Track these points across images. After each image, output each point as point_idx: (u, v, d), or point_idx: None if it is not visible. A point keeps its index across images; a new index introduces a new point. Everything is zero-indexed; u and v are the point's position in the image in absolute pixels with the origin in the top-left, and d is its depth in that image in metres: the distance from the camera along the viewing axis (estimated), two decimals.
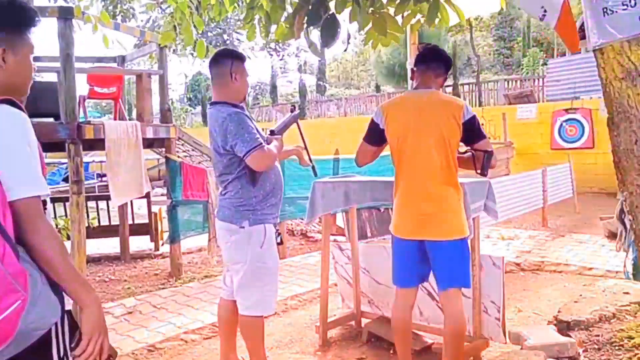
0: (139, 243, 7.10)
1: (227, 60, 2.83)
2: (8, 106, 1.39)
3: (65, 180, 15.22)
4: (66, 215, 7.16)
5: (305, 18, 3.09)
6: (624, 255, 5.39)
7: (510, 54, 27.73)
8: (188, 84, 32.79)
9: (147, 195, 6.54)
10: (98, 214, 7.28)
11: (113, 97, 6.34)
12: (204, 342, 3.80)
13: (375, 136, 2.87)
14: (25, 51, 1.50)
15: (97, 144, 5.07)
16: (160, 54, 5.59)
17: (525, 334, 2.33)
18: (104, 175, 15.55)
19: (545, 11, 2.20)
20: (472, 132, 2.69)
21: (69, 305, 1.52)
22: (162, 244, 6.84)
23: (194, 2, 3.58)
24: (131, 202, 6.37)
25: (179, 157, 5.95)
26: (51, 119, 5.31)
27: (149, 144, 5.65)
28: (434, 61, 2.78)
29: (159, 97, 5.88)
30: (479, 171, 2.69)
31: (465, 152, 2.80)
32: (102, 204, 7.41)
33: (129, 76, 8.60)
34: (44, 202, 1.48)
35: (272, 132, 2.95)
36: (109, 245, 7.06)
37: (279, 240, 2.94)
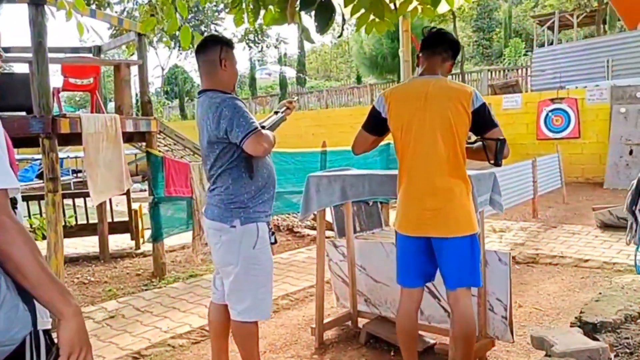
0: (119, 241, 6.83)
1: (217, 46, 2.64)
2: None
3: (39, 176, 14.75)
4: (41, 214, 6.84)
5: (298, 1, 2.89)
6: (619, 246, 5.34)
7: (490, 44, 27.90)
8: (164, 77, 32.20)
9: (127, 192, 6.27)
10: (75, 212, 6.97)
11: (89, 89, 6.03)
12: (193, 347, 3.59)
13: (377, 125, 2.68)
14: None
15: (73, 138, 4.78)
16: (140, 42, 5.31)
17: (550, 338, 2.18)
18: (80, 172, 15.15)
19: None
20: (482, 121, 2.50)
21: (47, 324, 1.31)
22: (143, 242, 6.59)
23: None
24: (110, 199, 6.08)
25: (160, 151, 5.68)
26: (23, 113, 5.02)
27: (128, 138, 5.38)
28: (441, 45, 2.59)
29: (134, 89, 5.61)
30: (492, 161, 2.51)
31: (475, 141, 2.62)
32: (79, 201, 7.09)
33: (103, 68, 8.27)
34: (14, 201, 1.27)
35: (262, 127, 2.76)
36: (87, 244, 6.78)
37: (273, 239, 2.73)
